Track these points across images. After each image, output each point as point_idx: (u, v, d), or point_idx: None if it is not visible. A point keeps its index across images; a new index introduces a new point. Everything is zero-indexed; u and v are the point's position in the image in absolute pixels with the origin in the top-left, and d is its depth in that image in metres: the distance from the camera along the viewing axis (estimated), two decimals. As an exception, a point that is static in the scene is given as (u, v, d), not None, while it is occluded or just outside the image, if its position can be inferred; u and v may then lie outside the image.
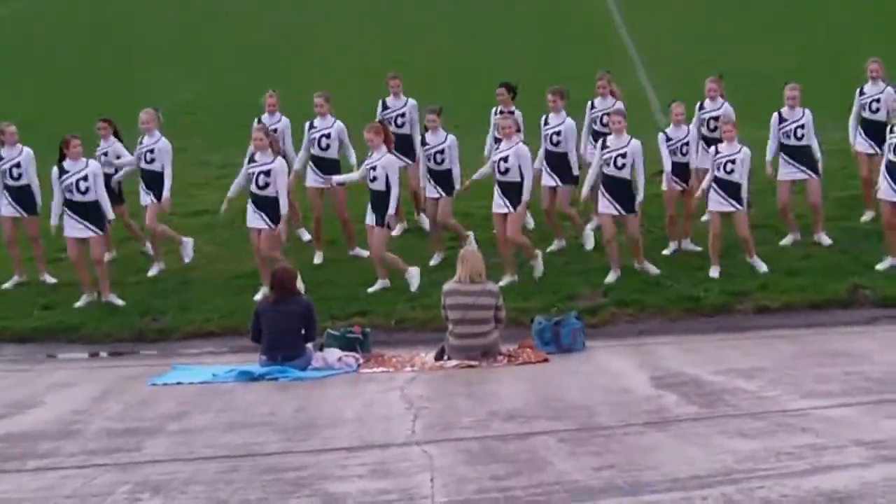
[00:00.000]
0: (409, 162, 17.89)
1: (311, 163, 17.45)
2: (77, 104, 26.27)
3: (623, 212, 15.74)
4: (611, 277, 15.80)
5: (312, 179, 17.44)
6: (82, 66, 32.18)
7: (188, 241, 17.34)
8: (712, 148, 16.01)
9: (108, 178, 17.11)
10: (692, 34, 31.70)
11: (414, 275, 15.93)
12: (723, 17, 33.54)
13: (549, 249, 16.90)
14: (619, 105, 16.97)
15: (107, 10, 41.79)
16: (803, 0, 34.75)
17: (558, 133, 16.88)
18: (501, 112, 17.32)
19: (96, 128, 17.73)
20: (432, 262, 16.79)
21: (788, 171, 16.70)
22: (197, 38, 35.68)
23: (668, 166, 16.46)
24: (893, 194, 15.33)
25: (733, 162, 15.62)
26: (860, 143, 17.43)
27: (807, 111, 16.62)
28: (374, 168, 15.81)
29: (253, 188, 15.75)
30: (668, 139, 16.55)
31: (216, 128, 24.47)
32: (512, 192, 15.77)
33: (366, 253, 16.81)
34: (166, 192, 16.96)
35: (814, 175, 16.64)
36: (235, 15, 39.35)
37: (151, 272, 17.28)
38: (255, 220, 15.78)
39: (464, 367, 13.18)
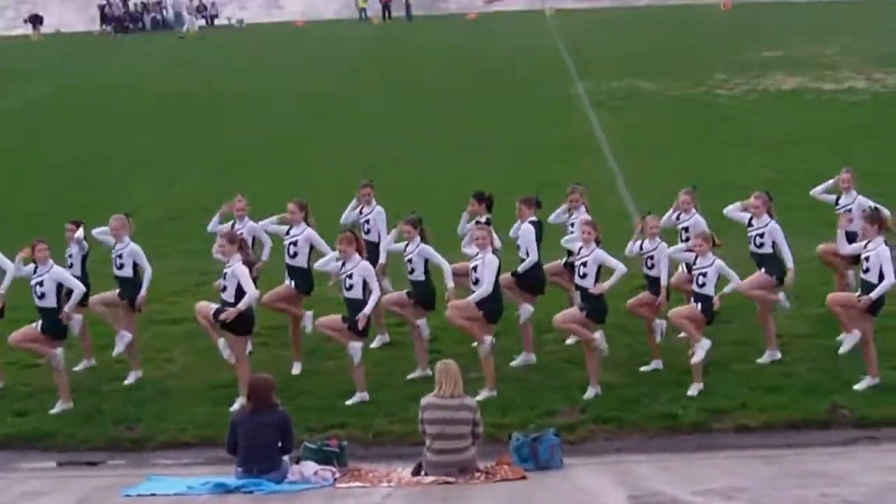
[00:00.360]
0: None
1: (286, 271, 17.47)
2: (56, 210, 26.27)
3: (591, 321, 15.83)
4: (590, 393, 15.77)
5: (287, 287, 17.44)
6: (61, 173, 32.25)
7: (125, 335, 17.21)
8: (683, 265, 16.23)
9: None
10: (669, 144, 31.95)
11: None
12: (700, 131, 33.85)
13: (513, 364, 16.96)
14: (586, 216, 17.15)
15: (86, 116, 42.07)
16: (778, 120, 35.01)
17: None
18: (477, 222, 17.30)
19: (65, 229, 17.67)
20: (410, 376, 16.77)
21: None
22: (178, 144, 35.77)
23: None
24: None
25: (705, 275, 15.68)
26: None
27: (772, 222, 16.72)
28: (350, 276, 15.83)
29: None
30: (641, 250, 16.52)
31: (197, 234, 24.44)
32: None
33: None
34: (143, 292, 17.03)
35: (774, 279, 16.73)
36: (218, 122, 39.58)
37: (128, 381, 17.17)
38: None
39: (441, 483, 13.09)
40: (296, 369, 17.20)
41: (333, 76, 49.97)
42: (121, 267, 17.21)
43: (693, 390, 15.65)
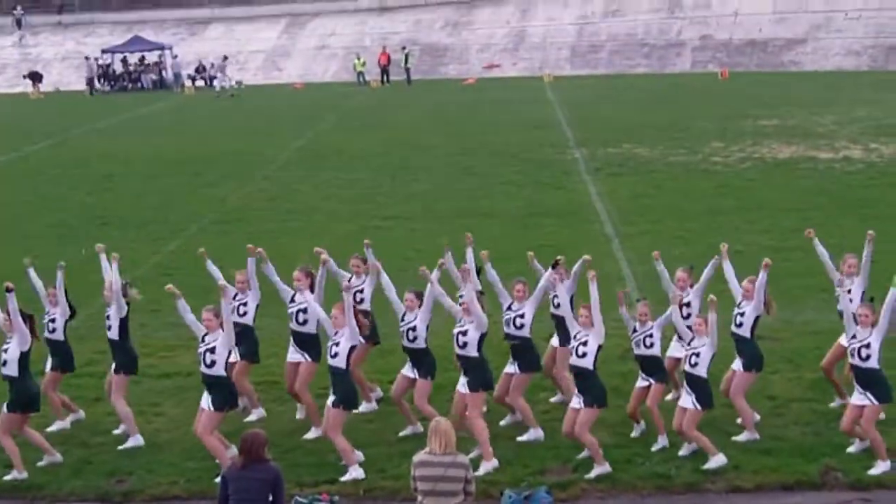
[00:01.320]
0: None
1: (291, 338, 17.42)
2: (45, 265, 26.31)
3: (582, 405, 15.62)
4: (585, 453, 15.74)
5: (291, 355, 17.40)
6: (54, 231, 32.31)
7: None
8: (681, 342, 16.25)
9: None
10: (666, 210, 32.04)
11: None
12: (697, 198, 33.97)
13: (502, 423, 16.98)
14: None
15: (85, 177, 42.18)
16: (774, 188, 35.15)
17: (521, 315, 16.84)
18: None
19: (47, 293, 17.51)
20: (402, 433, 16.80)
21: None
22: (172, 203, 35.88)
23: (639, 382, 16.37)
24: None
25: (697, 355, 15.63)
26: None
27: (751, 304, 16.66)
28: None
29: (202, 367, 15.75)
30: (634, 330, 16.43)
31: (189, 290, 24.44)
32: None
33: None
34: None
35: (741, 369, 16.55)
36: (214, 180, 39.73)
37: (119, 430, 17.14)
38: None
39: (431, 539, 13.01)
40: (300, 414, 17.44)
41: (328, 135, 50.24)
42: (109, 328, 17.17)
43: (685, 450, 15.68)
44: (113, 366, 17.09)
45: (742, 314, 16.55)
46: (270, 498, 13.37)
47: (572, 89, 66.39)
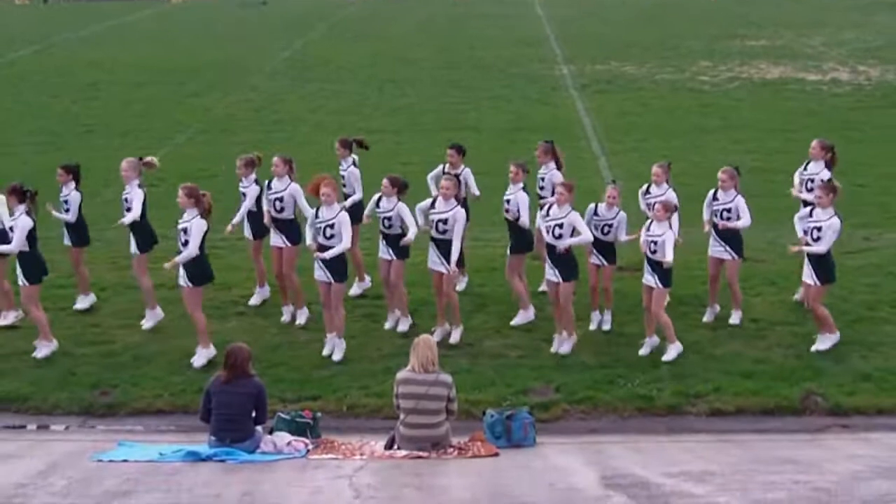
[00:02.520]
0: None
1: (272, 224, 17.72)
2: (32, 171, 26.22)
3: (562, 279, 16.15)
4: (564, 347, 16.35)
5: (274, 241, 17.77)
6: (39, 137, 32.13)
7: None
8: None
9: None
10: (652, 128, 31.99)
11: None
12: (683, 116, 33.90)
13: (513, 322, 17.32)
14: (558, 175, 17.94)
15: (69, 85, 41.87)
16: (761, 108, 35.07)
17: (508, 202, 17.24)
18: (447, 173, 17.45)
19: (57, 175, 18.16)
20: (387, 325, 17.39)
21: (715, 250, 17.29)
22: (157, 112, 35.68)
23: (588, 237, 16.52)
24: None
25: (655, 243, 16.07)
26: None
27: (738, 197, 17.13)
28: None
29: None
30: (596, 215, 16.82)
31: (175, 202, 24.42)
32: (447, 250, 16.43)
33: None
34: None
35: (735, 256, 17.16)
36: (199, 90, 39.49)
37: (146, 324, 17.61)
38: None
39: (413, 457, 13.11)
40: (286, 315, 17.69)
41: (316, 45, 49.93)
42: (129, 210, 17.72)
43: (645, 349, 16.36)
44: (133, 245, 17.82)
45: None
46: (253, 413, 13.47)
47: (562, 6, 65.93)
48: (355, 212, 17.78)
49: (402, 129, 32.49)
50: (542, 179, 18.35)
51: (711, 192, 17.50)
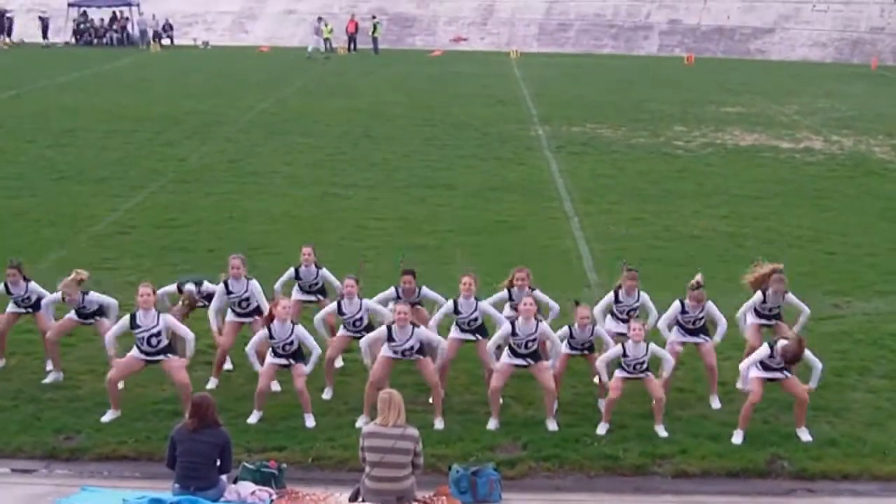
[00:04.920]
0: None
1: (230, 310, 17.69)
2: (9, 216, 26.21)
3: (532, 361, 16.08)
4: (491, 425, 15.98)
5: (233, 317, 17.62)
6: (13, 182, 32.09)
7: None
8: (618, 349, 16.19)
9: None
10: (626, 191, 32.13)
11: None
12: (657, 180, 34.05)
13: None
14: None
15: (45, 131, 41.83)
16: (735, 174, 35.30)
17: (475, 320, 17.18)
18: (398, 298, 17.35)
19: (6, 273, 17.79)
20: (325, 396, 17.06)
21: (683, 338, 17.13)
22: (132, 161, 35.68)
23: (561, 351, 16.57)
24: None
25: (643, 363, 16.03)
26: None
27: (708, 303, 17.06)
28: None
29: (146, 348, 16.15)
30: (572, 337, 16.61)
31: (146, 249, 24.43)
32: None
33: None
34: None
35: (707, 338, 17.08)
36: (176, 140, 39.52)
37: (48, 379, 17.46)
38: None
39: (378, 510, 13.06)
40: (211, 384, 17.34)
41: (292, 99, 50.07)
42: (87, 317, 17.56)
43: (602, 429, 15.92)
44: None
45: (701, 318, 16.99)
46: (218, 462, 13.41)
47: (538, 66, 66.39)
48: None
49: (377, 185, 32.55)
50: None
51: (678, 303, 17.17)
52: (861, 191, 32.92)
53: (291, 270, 18.57)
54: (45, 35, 78.41)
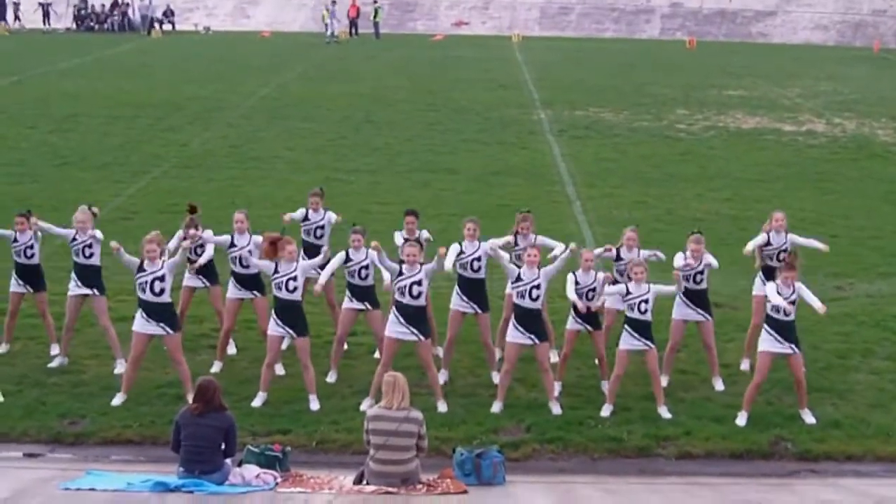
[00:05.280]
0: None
1: (232, 279, 17.56)
2: (11, 202, 26.19)
3: (537, 341, 15.96)
4: (495, 408, 16.00)
5: (234, 292, 17.54)
6: (15, 168, 32.06)
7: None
8: (621, 286, 16.21)
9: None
10: (628, 175, 32.11)
11: None
12: (659, 164, 34.03)
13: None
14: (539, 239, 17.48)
15: (47, 116, 41.79)
16: (737, 158, 35.28)
17: (479, 259, 17.09)
18: (407, 239, 17.37)
19: (14, 223, 17.80)
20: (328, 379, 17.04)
21: (684, 313, 17.01)
22: (134, 146, 35.66)
23: (573, 297, 16.46)
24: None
25: (646, 302, 15.87)
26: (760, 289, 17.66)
27: (707, 259, 16.94)
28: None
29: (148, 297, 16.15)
30: (577, 283, 16.58)
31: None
32: (420, 317, 16.16)
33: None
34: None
35: (708, 317, 17.00)
36: (178, 125, 39.49)
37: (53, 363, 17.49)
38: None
39: (382, 493, 13.08)
40: (216, 367, 17.34)
41: (294, 84, 50.05)
42: (90, 256, 17.57)
43: (606, 411, 15.92)
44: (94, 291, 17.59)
45: (701, 271, 16.89)
46: (223, 445, 13.43)
47: (540, 50, 66.30)
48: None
49: (379, 170, 32.55)
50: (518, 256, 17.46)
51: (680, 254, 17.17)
52: (863, 174, 32.92)
53: (302, 211, 18.58)
54: (45, 21, 78.34)
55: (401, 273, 16.05)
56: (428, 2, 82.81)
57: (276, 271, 16.07)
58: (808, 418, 15.66)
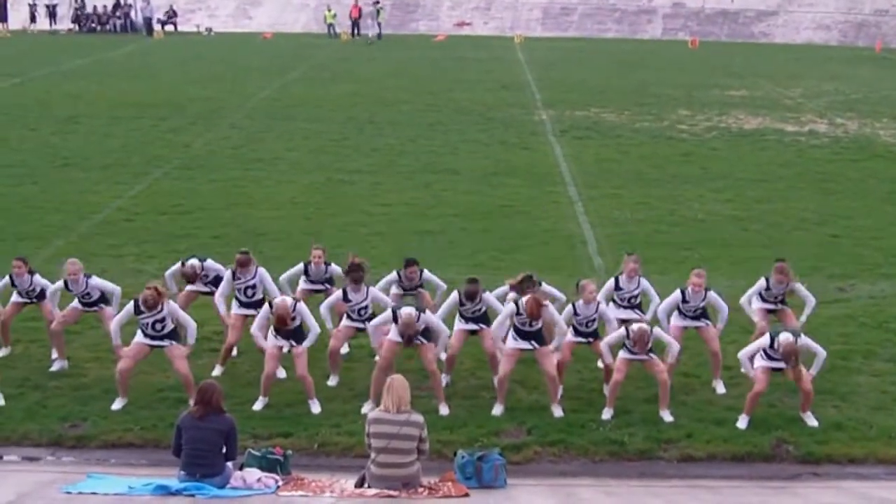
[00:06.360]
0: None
1: (235, 300, 17.71)
2: (8, 204, 26.19)
3: (538, 345, 15.98)
4: (497, 411, 15.98)
5: (238, 310, 17.59)
6: (17, 170, 32.05)
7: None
8: (621, 331, 16.12)
9: None
10: (629, 176, 32.10)
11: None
12: (661, 164, 34.00)
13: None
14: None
15: (49, 118, 41.77)
16: (739, 158, 35.27)
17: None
18: (405, 289, 17.41)
19: (12, 266, 17.75)
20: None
21: (683, 321, 17.02)
22: (136, 147, 35.65)
23: (568, 336, 16.57)
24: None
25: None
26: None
27: (710, 293, 16.98)
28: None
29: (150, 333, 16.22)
30: (576, 314, 16.56)
31: (151, 236, 24.42)
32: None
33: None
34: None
35: (709, 322, 17.01)
36: (181, 127, 39.48)
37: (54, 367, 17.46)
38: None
39: (383, 496, 13.05)
40: (216, 371, 17.31)
41: (295, 85, 50.03)
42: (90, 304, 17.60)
43: (607, 414, 15.90)
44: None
45: (702, 307, 17.02)
46: (224, 449, 13.42)
47: (542, 51, 66.26)
48: None
49: (381, 170, 32.52)
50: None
51: (678, 292, 17.07)
52: (866, 174, 32.88)
53: (301, 266, 18.55)
54: (52, 22, 78.40)
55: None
56: (430, 2, 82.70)
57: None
58: (810, 421, 15.65)
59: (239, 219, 26.10)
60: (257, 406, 16.05)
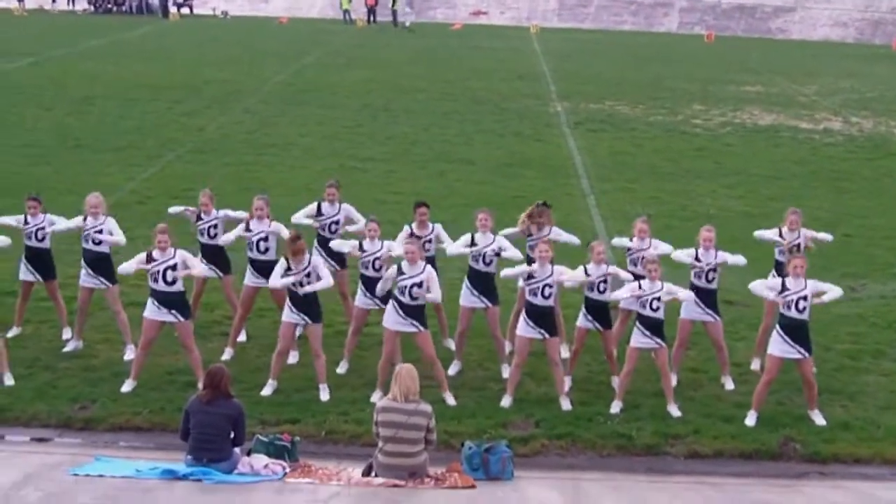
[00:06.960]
0: (338, 268, 18.05)
1: (249, 265, 17.51)
2: (23, 182, 26.19)
3: (548, 335, 15.93)
4: (505, 402, 15.98)
5: (251, 280, 17.48)
6: (30, 150, 32.07)
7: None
8: (634, 284, 16.15)
9: None
10: (643, 169, 32.06)
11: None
12: (675, 159, 33.97)
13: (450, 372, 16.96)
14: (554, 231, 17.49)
15: (64, 98, 41.78)
16: (752, 154, 35.22)
17: (496, 253, 17.04)
18: (412, 234, 17.39)
19: (27, 206, 17.78)
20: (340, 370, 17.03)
21: (692, 312, 16.88)
22: (150, 130, 35.67)
23: (581, 320, 16.61)
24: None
25: (659, 299, 15.79)
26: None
27: (720, 252, 16.92)
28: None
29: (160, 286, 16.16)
30: (587, 275, 16.53)
31: (164, 218, 24.40)
32: (419, 309, 16.04)
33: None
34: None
35: (717, 317, 16.90)
36: (195, 110, 39.49)
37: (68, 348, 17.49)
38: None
39: (390, 485, 13.08)
40: (226, 355, 17.33)
41: (310, 70, 50.03)
42: (98, 243, 17.44)
43: (615, 408, 15.89)
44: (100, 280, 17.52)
45: (713, 268, 16.78)
46: (231, 434, 13.44)
47: (558, 42, 66.22)
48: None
49: (394, 158, 32.52)
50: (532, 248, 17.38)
51: (692, 250, 17.07)
52: (880, 173, 32.83)
53: (314, 205, 18.43)
54: (71, 2, 78.62)
55: (401, 272, 16.00)
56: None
57: (288, 268, 16.06)
58: (819, 419, 15.64)
59: (251, 204, 26.03)
60: (266, 391, 16.06)
